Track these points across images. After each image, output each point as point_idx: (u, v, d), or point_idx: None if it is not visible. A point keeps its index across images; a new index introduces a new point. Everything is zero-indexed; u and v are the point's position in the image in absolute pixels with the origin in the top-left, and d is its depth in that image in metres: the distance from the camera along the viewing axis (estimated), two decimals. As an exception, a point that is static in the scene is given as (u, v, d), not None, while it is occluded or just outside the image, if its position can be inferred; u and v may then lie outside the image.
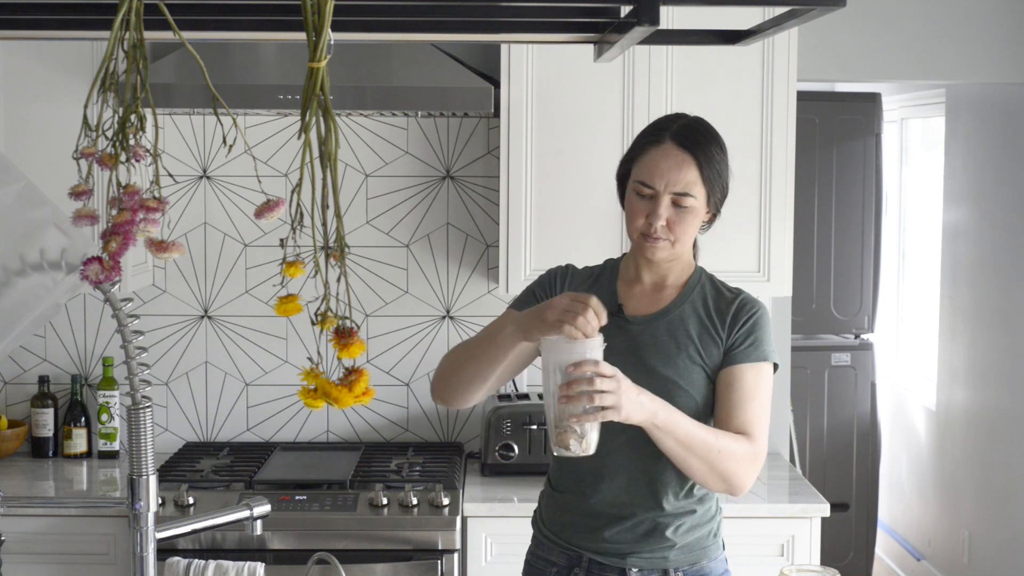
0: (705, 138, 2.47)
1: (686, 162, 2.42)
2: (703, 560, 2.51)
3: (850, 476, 5.71)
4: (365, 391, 1.41)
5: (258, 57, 3.67)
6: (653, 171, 2.43)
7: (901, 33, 4.16)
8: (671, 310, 2.51)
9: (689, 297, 2.52)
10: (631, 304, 2.53)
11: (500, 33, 1.88)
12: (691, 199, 2.43)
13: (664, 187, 2.42)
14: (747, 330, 2.47)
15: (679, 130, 2.46)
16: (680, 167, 2.42)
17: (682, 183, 2.42)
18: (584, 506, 2.50)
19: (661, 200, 2.42)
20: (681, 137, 2.44)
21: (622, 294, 2.54)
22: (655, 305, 2.52)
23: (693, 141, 2.44)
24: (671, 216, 2.43)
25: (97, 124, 1.46)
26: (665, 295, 2.53)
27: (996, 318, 5.06)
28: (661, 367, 2.45)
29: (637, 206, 2.45)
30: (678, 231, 2.44)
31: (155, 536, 1.83)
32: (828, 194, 5.68)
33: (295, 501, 3.50)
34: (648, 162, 2.44)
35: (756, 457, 2.43)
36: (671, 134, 2.45)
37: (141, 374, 1.76)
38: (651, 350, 2.47)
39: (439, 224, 4.09)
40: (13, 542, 3.27)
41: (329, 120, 1.36)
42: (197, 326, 4.11)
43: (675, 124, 2.47)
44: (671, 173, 2.42)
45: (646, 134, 2.50)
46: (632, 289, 2.55)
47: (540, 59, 3.68)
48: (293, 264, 1.45)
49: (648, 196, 2.43)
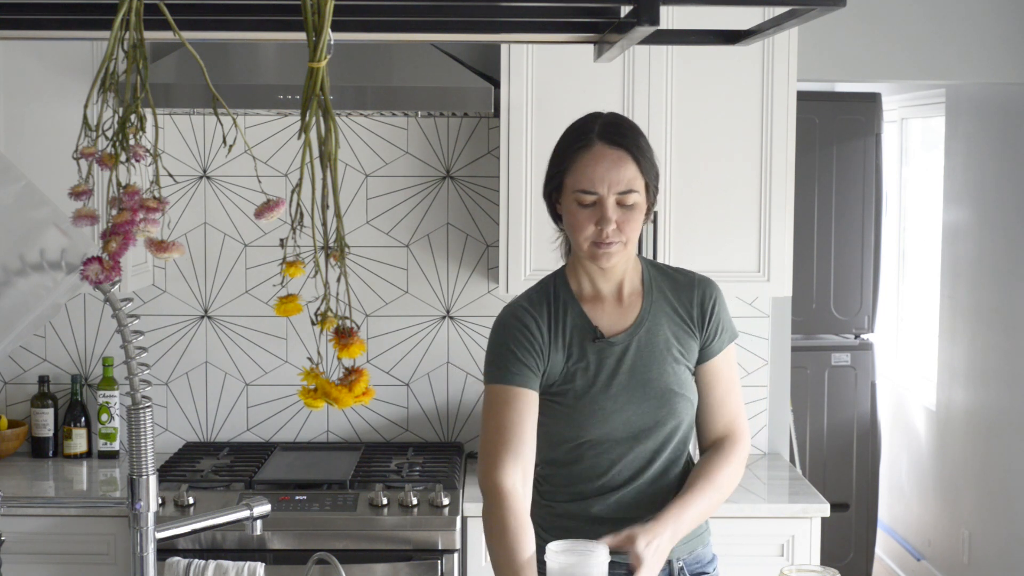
0: (631, 130, 2.42)
1: (622, 159, 2.37)
2: (699, 547, 2.55)
3: (850, 476, 5.71)
4: (365, 391, 1.41)
5: (258, 57, 3.67)
6: (592, 176, 2.37)
7: (901, 33, 4.16)
8: (644, 318, 2.48)
9: (653, 298, 2.49)
10: (604, 324, 2.47)
11: (500, 33, 1.87)
12: (635, 195, 2.38)
13: (608, 189, 2.36)
14: (716, 318, 2.50)
15: (604, 128, 2.40)
16: (618, 166, 2.37)
17: (624, 181, 2.36)
18: (586, 515, 2.50)
19: (607, 203, 2.36)
20: (609, 135, 2.39)
21: (592, 316, 2.48)
22: (627, 318, 2.48)
23: (622, 136, 2.39)
24: (619, 217, 2.37)
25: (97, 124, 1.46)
26: (631, 303, 2.49)
27: (996, 318, 5.06)
28: (656, 379, 2.45)
29: (581, 216, 2.38)
30: (628, 231, 2.39)
31: (155, 536, 1.83)
32: (828, 194, 5.68)
33: (295, 501, 3.50)
34: (584, 168, 2.38)
35: (745, 453, 2.53)
36: (598, 135, 2.39)
37: (141, 374, 1.76)
38: (641, 365, 2.45)
39: (439, 224, 4.09)
40: (13, 542, 3.27)
41: (329, 120, 1.36)
42: (197, 326, 4.11)
43: (597, 124, 2.42)
44: (611, 173, 2.36)
45: (571, 141, 2.43)
46: (599, 308, 2.48)
47: (540, 59, 3.68)
48: (293, 264, 1.45)
49: (591, 204, 2.38)
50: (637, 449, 2.46)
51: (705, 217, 3.72)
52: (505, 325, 2.47)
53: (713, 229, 3.70)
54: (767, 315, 4.10)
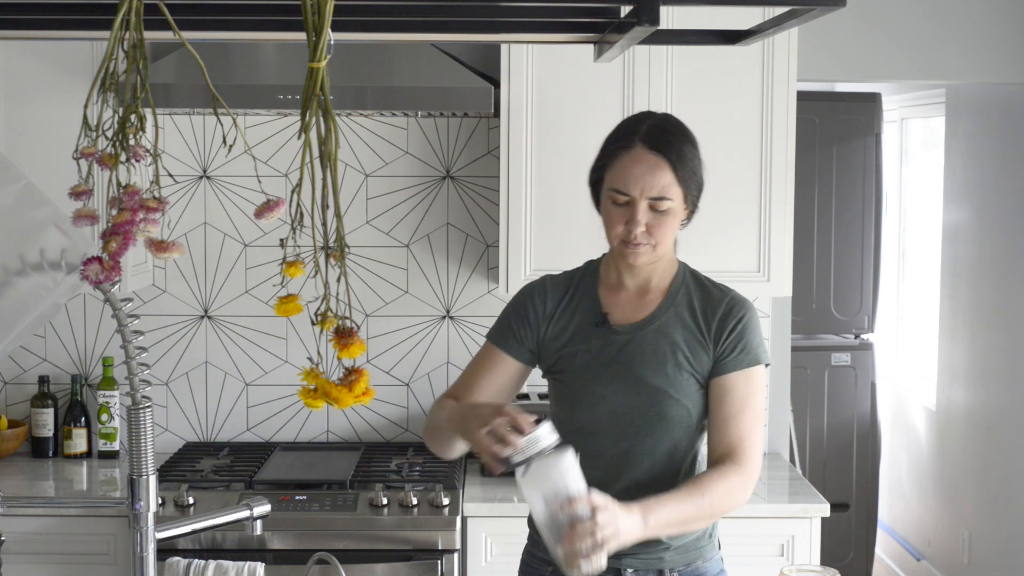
0: (676, 137, 2.41)
1: (659, 166, 2.37)
2: (698, 560, 2.50)
3: (850, 476, 5.71)
4: (365, 391, 1.41)
5: (258, 57, 3.67)
6: (627, 178, 2.37)
7: (901, 33, 4.16)
8: (657, 316, 2.47)
9: (674, 301, 2.48)
10: (616, 312, 2.49)
11: (500, 33, 1.88)
12: (668, 202, 2.38)
13: (640, 193, 2.36)
14: (736, 336, 2.43)
15: (648, 132, 2.40)
16: (654, 171, 2.36)
17: (657, 187, 2.36)
18: None
19: (638, 206, 2.37)
20: (651, 139, 2.38)
21: (606, 302, 2.50)
22: (640, 312, 2.48)
23: (664, 142, 2.38)
24: (650, 221, 2.38)
25: (97, 124, 1.46)
26: (650, 300, 2.49)
27: (996, 318, 5.06)
28: (650, 377, 2.43)
29: (614, 213, 2.40)
30: (658, 235, 2.40)
31: (155, 536, 1.83)
32: (828, 194, 5.68)
33: (295, 501, 3.50)
34: (620, 169, 2.38)
35: (748, 480, 2.40)
36: (641, 137, 2.39)
37: (141, 374, 1.76)
38: (639, 360, 2.44)
39: (439, 224, 4.09)
40: (13, 542, 3.27)
41: (329, 120, 1.36)
42: (197, 326, 4.11)
43: (643, 126, 2.41)
44: (645, 178, 2.36)
45: (615, 139, 2.44)
46: (616, 296, 2.50)
47: (540, 59, 3.68)
48: (293, 264, 1.45)
49: (624, 203, 2.39)
50: (624, 446, 2.43)
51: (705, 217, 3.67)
52: (519, 294, 2.58)
53: (713, 229, 3.70)
54: (767, 315, 4.10)
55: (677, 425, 2.44)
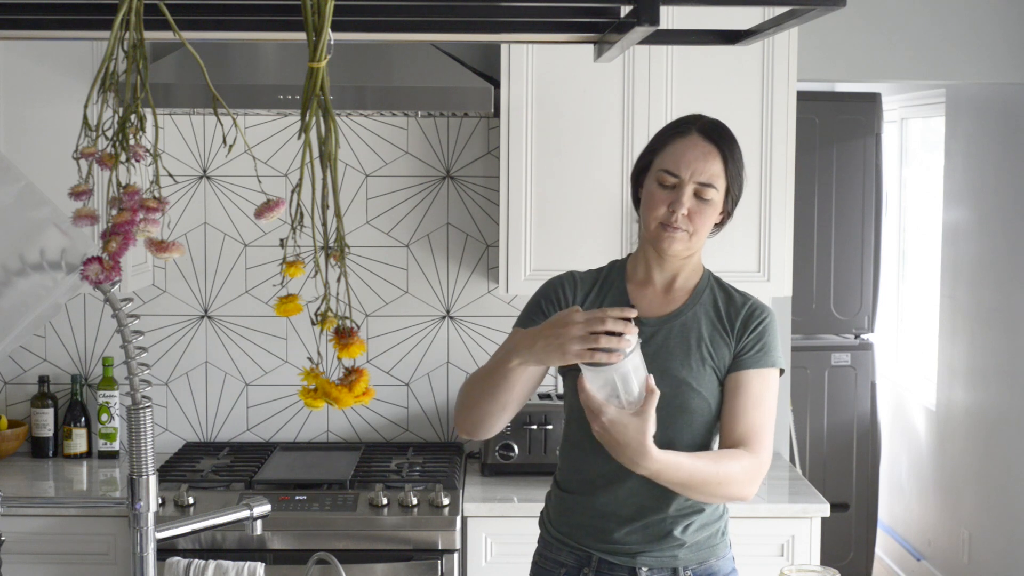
0: (730, 136, 2.51)
1: (712, 153, 2.46)
2: (711, 559, 2.52)
3: (850, 476, 5.71)
4: (365, 391, 1.40)
5: (258, 57, 3.67)
6: (679, 159, 2.45)
7: (901, 33, 4.16)
8: (683, 312, 2.52)
9: (699, 300, 2.53)
10: (642, 306, 2.53)
11: (500, 33, 1.87)
12: (713, 191, 2.45)
13: (689, 176, 2.44)
14: (756, 336, 2.49)
15: (705, 125, 2.50)
16: (707, 157, 2.45)
17: (707, 173, 2.45)
18: (593, 508, 2.51)
19: (685, 189, 2.44)
20: (708, 131, 2.49)
21: (633, 296, 2.55)
22: (666, 307, 2.53)
23: (720, 136, 2.49)
24: (692, 207, 2.45)
25: (97, 124, 1.45)
26: (675, 297, 2.54)
27: (996, 318, 5.06)
28: (675, 369, 2.46)
29: (659, 195, 2.47)
30: (698, 223, 2.46)
31: (155, 536, 1.83)
32: (828, 194, 5.68)
33: (295, 501, 3.50)
34: (674, 151, 2.47)
35: (759, 468, 2.43)
36: (698, 128, 2.49)
37: (141, 374, 1.75)
38: (664, 352, 2.48)
39: (439, 224, 4.09)
40: (13, 542, 3.27)
41: (329, 120, 1.36)
42: (197, 326, 4.11)
43: (700, 120, 2.52)
44: (697, 163, 2.44)
45: (671, 128, 2.53)
46: (643, 291, 2.55)
47: (540, 59, 3.68)
48: (293, 264, 1.45)
49: (671, 185, 2.45)
50: None
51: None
52: (548, 283, 2.60)
53: (713, 229, 3.69)
54: (767, 315, 4.09)
55: (698, 417, 2.47)
